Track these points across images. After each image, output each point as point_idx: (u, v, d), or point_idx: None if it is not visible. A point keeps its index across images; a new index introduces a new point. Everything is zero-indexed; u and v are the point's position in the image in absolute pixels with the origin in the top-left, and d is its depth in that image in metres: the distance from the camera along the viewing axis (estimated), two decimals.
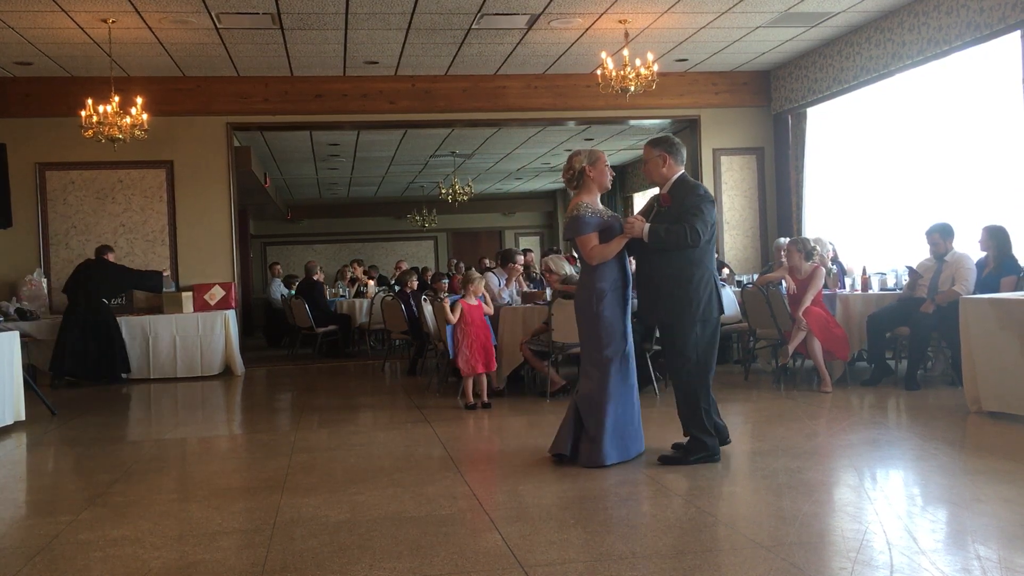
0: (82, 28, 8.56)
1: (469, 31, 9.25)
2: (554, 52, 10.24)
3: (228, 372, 10.16)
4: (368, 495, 4.44)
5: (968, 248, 7.57)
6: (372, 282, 14.27)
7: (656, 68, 8.85)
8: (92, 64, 9.80)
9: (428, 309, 8.48)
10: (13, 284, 10.22)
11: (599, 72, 8.89)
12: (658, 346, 7.06)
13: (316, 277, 12.61)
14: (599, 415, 4.91)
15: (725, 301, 6.19)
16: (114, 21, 8.39)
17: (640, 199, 17.83)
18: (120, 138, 8.82)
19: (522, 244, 23.68)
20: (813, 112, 11.23)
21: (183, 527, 4.05)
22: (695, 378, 4.89)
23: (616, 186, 19.34)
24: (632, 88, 8.79)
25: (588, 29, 9.31)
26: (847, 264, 9.21)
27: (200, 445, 6.38)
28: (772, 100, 11.73)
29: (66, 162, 10.50)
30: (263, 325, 15.72)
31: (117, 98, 8.85)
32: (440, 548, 3.54)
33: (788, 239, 8.83)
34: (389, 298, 10.20)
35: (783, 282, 7.73)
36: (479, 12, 8.60)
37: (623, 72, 8.75)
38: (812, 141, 11.32)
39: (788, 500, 4.13)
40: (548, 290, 7.92)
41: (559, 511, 4.08)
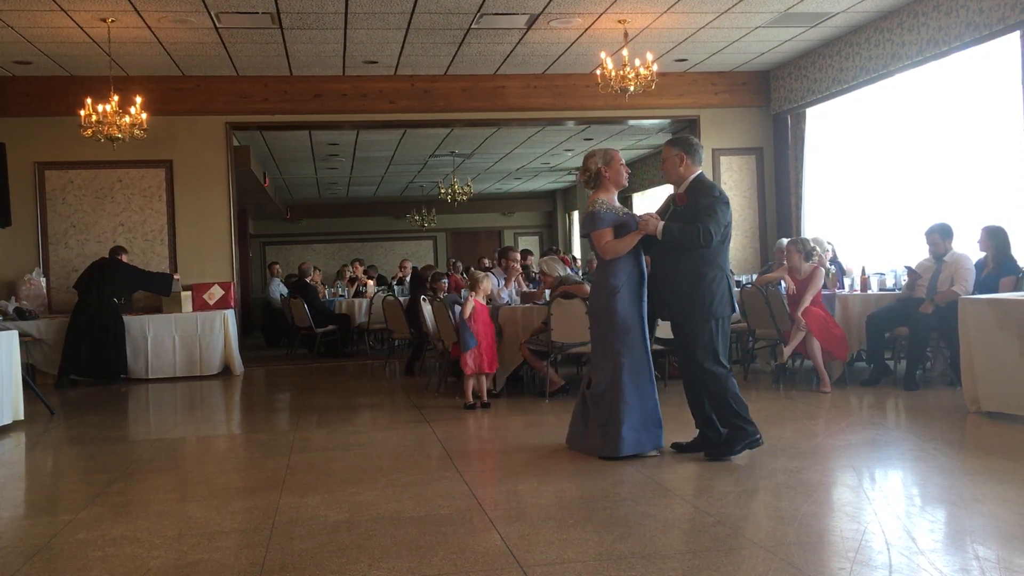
0: (81, 27, 8.55)
1: (468, 31, 9.25)
2: (553, 52, 10.24)
3: (227, 372, 10.16)
4: (367, 495, 4.44)
5: (967, 248, 7.57)
6: (371, 282, 14.27)
7: (655, 68, 8.85)
8: (91, 63, 9.80)
9: (427, 309, 8.48)
10: (12, 283, 10.21)
11: (598, 72, 8.89)
12: (659, 345, 7.05)
13: (309, 279, 12.61)
14: (613, 408, 4.99)
15: None
16: (113, 20, 8.38)
17: (639, 199, 17.81)
18: (119, 137, 8.81)
19: (521, 244, 23.67)
20: (812, 112, 11.23)
21: (182, 527, 4.05)
22: (715, 374, 4.93)
23: None
24: (631, 88, 8.79)
25: (587, 29, 9.31)
26: (846, 264, 9.22)
27: (199, 445, 6.38)
28: (771, 100, 11.73)
29: (65, 161, 10.49)
30: (262, 325, 15.72)
31: (116, 97, 8.85)
32: (439, 548, 3.54)
33: (787, 239, 8.83)
34: (391, 298, 10.19)
35: (782, 282, 7.74)
36: (478, 12, 8.60)
37: (622, 72, 8.75)
38: (811, 141, 11.32)
39: (787, 500, 4.13)
40: (548, 291, 7.93)
41: (558, 511, 4.08)
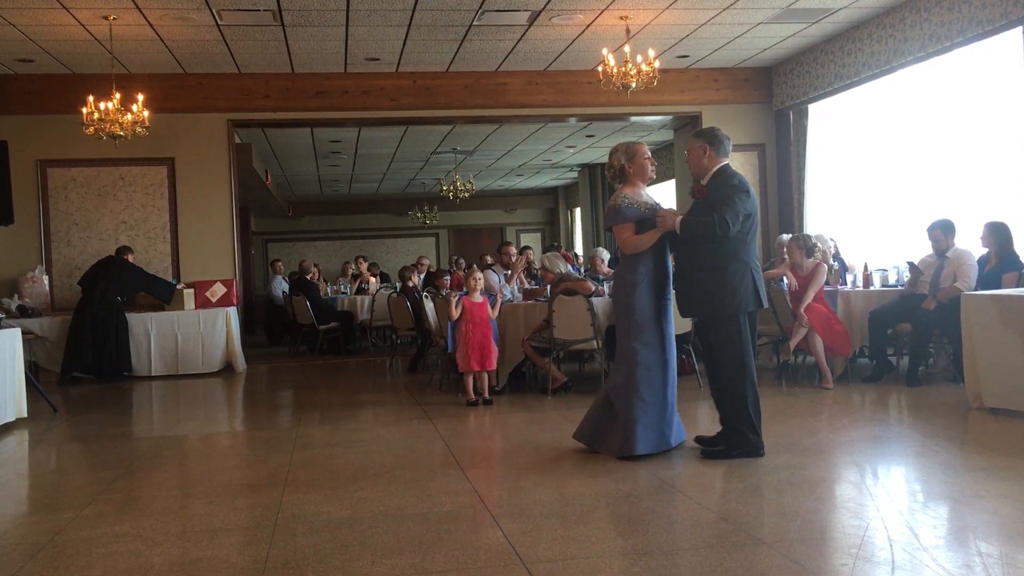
0: (83, 25, 8.55)
1: (470, 28, 9.25)
2: (555, 49, 10.23)
3: (229, 369, 10.17)
4: (369, 491, 4.45)
5: (970, 244, 7.56)
6: (374, 279, 14.28)
7: (657, 64, 8.84)
8: (93, 61, 9.80)
9: (430, 306, 8.49)
10: (15, 281, 10.23)
11: (600, 69, 8.88)
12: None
13: (310, 276, 12.61)
14: (628, 406, 4.95)
15: None
16: (115, 18, 8.38)
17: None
18: (121, 135, 8.82)
19: (523, 241, 23.69)
20: (815, 108, 11.22)
21: (185, 523, 4.05)
22: (735, 373, 4.83)
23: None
24: (633, 85, 8.78)
25: (589, 26, 9.30)
26: (849, 260, 9.21)
27: (202, 442, 6.39)
28: (774, 96, 11.72)
29: (67, 159, 10.50)
30: (264, 322, 15.73)
31: (118, 95, 8.85)
32: (442, 544, 3.54)
33: (789, 236, 8.82)
34: (395, 295, 10.19)
35: (784, 279, 7.73)
36: (480, 8, 8.59)
37: (624, 69, 8.74)
38: (814, 137, 11.31)
39: (789, 496, 4.13)
40: (548, 287, 7.93)
41: (561, 507, 4.08)
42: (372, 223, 24.07)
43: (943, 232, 7.47)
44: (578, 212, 21.83)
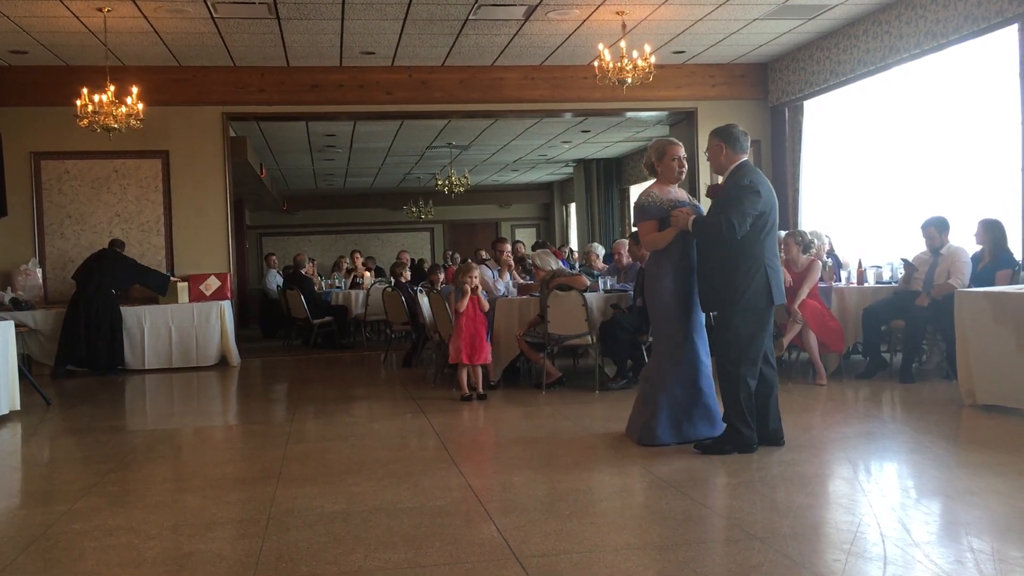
0: (77, 17, 8.51)
1: (466, 22, 9.23)
2: (551, 43, 10.21)
3: (224, 363, 10.15)
4: (363, 486, 4.45)
5: (964, 242, 7.57)
6: (368, 273, 14.26)
7: (653, 60, 8.83)
8: (87, 53, 9.76)
9: (424, 300, 8.48)
10: (8, 274, 10.19)
11: (596, 64, 8.87)
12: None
13: (304, 271, 12.58)
14: (653, 395, 5.11)
15: None
16: (109, 10, 8.34)
17: (636, 192, 17.83)
18: (115, 128, 8.78)
19: (518, 236, 23.66)
20: (810, 105, 11.22)
21: (178, 517, 4.05)
22: (734, 368, 4.85)
23: (613, 178, 19.36)
24: (629, 80, 8.77)
25: (585, 21, 9.29)
26: (843, 257, 9.22)
27: (195, 435, 6.38)
28: (769, 93, 11.72)
29: (61, 151, 10.45)
30: (259, 316, 15.70)
31: (112, 87, 8.81)
32: (435, 539, 3.55)
33: (785, 232, 8.83)
34: (389, 289, 10.18)
35: None
36: (476, 3, 8.57)
37: (620, 64, 8.73)
38: (809, 134, 11.31)
39: (782, 492, 4.14)
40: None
41: (554, 502, 4.08)
42: (367, 217, 24.04)
43: (937, 229, 7.48)
44: (573, 207, 21.83)
